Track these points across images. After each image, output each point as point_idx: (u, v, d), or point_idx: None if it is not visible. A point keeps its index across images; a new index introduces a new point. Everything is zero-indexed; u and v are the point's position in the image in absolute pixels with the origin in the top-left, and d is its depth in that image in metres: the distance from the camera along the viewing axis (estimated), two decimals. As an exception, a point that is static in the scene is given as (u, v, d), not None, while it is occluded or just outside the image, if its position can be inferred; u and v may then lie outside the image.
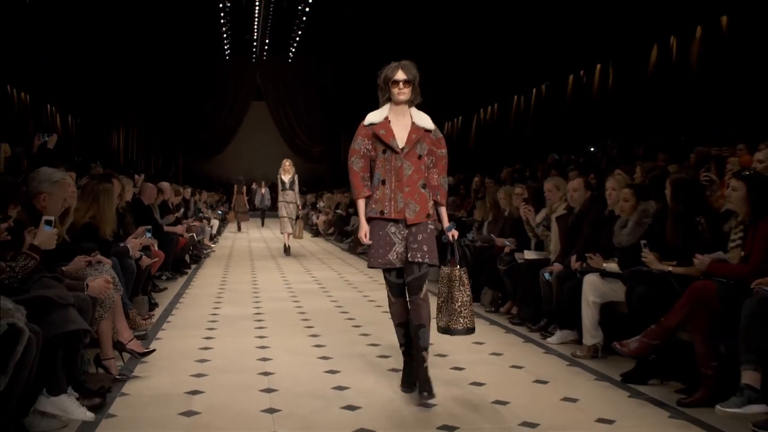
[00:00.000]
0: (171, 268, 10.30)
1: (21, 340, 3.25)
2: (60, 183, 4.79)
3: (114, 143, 30.26)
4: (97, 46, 22.96)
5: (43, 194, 4.66)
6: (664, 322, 4.64)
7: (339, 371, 5.25)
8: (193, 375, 5.09)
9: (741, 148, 8.30)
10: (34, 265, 3.93)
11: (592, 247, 6.01)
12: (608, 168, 9.61)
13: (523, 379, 5.12)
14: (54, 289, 3.93)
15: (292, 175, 14.49)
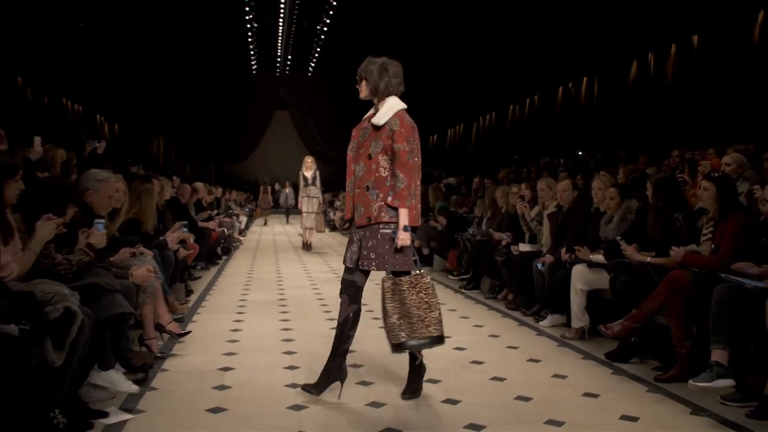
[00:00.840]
0: (205, 259, 10.34)
1: (75, 322, 3.28)
2: (104, 181, 4.83)
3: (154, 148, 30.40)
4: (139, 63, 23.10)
5: (89, 191, 4.70)
6: (643, 307, 4.65)
7: (354, 351, 5.25)
8: (225, 354, 5.13)
9: (711, 152, 8.27)
10: (89, 260, 3.97)
11: (580, 240, 6.02)
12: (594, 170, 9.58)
13: (518, 358, 5.13)
14: (103, 277, 3.97)
15: (313, 171, 13.60)
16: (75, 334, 3.28)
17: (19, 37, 14.75)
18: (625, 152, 11.92)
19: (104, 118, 22.69)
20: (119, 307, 3.91)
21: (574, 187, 6.72)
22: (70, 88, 18.79)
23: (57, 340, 3.21)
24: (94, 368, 3.91)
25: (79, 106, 20.04)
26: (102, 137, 11.99)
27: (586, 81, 16.87)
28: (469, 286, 8.46)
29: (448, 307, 7.26)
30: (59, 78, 17.61)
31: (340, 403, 4.02)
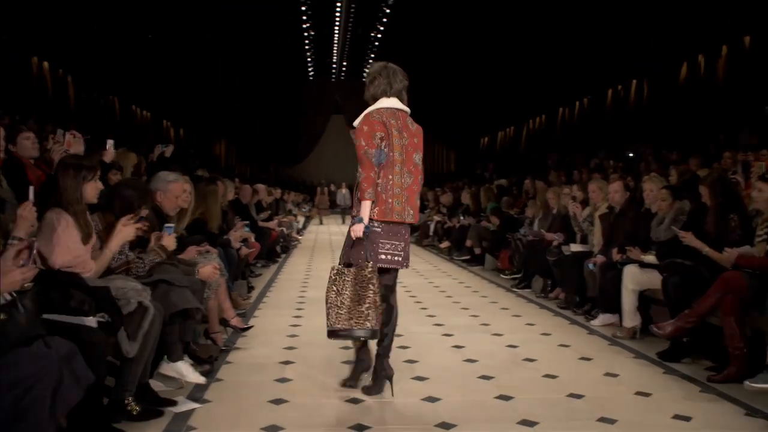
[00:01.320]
0: (265, 257, 10.45)
1: (147, 315, 3.37)
2: (173, 183, 4.94)
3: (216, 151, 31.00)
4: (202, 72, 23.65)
5: (158, 192, 4.82)
6: (696, 307, 4.53)
7: (409, 347, 5.28)
8: (285, 348, 5.19)
9: (764, 153, 8.01)
10: (160, 261, 4.07)
11: (632, 241, 5.89)
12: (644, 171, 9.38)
13: (570, 356, 5.06)
14: (172, 274, 4.06)
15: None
16: (147, 327, 3.38)
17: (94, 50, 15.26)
18: (676, 153, 11.62)
19: (170, 123, 23.28)
20: (187, 303, 4.00)
21: (625, 188, 6.58)
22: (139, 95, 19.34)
23: (131, 333, 3.30)
24: (164, 359, 4.01)
25: (148, 112, 20.61)
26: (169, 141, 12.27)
27: (636, 83, 16.51)
28: (521, 285, 8.38)
29: (500, 306, 7.21)
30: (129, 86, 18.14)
31: (397, 397, 4.02)
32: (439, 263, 11.45)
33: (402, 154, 3.92)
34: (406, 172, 3.94)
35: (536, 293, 7.92)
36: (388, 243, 3.94)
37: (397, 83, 4.11)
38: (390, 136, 3.88)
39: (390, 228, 3.94)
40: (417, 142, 4.04)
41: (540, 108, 22.54)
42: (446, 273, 10.03)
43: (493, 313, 6.81)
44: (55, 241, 3.35)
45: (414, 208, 4.00)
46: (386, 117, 3.93)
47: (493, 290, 8.39)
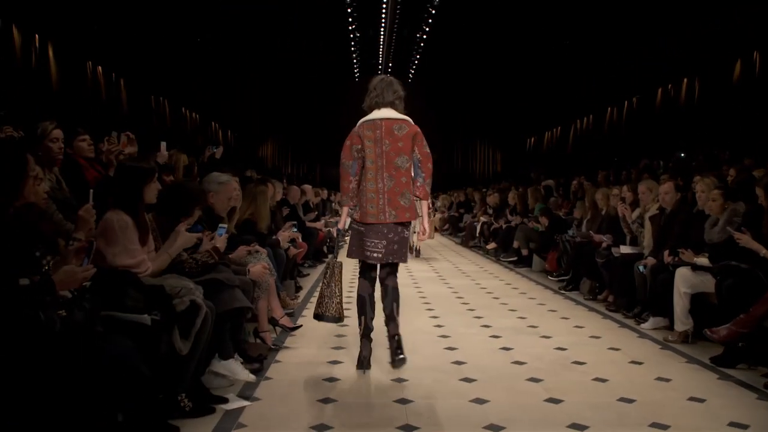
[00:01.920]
0: (312, 257, 10.54)
1: (200, 314, 3.43)
2: (225, 184, 5.03)
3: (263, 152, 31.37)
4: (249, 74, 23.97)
5: (211, 193, 4.91)
6: (753, 312, 4.41)
7: (457, 348, 5.27)
8: (333, 347, 5.23)
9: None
10: (213, 263, 4.13)
11: (683, 243, 5.76)
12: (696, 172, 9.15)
13: (620, 359, 4.98)
14: (223, 273, 4.12)
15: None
16: (199, 325, 3.43)
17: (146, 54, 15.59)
18: (729, 153, 11.31)
19: (218, 125, 23.62)
20: (238, 302, 4.06)
21: (676, 189, 6.44)
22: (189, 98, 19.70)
23: (183, 331, 3.36)
24: (215, 357, 4.08)
25: (197, 114, 20.96)
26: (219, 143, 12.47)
27: (687, 82, 16.12)
28: (569, 287, 8.28)
29: (547, 308, 7.14)
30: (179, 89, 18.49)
31: (445, 398, 4.01)
32: (486, 264, 11.38)
33: (379, 161, 4.42)
34: (386, 177, 4.43)
35: (585, 295, 7.81)
36: (369, 241, 4.50)
37: (390, 95, 4.55)
38: (364, 148, 4.43)
39: (370, 228, 4.47)
40: (402, 146, 4.43)
41: (588, 108, 22.19)
42: (493, 274, 9.97)
43: (540, 315, 6.75)
44: (114, 242, 3.44)
45: (397, 208, 4.42)
46: (363, 130, 4.47)
47: (541, 292, 8.31)
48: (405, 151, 4.45)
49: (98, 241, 3.23)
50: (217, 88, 21.60)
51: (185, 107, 19.99)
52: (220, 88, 21.97)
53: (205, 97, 20.83)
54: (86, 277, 2.72)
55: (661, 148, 15.63)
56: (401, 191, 4.45)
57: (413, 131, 4.50)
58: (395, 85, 4.61)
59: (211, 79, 20.75)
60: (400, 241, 4.52)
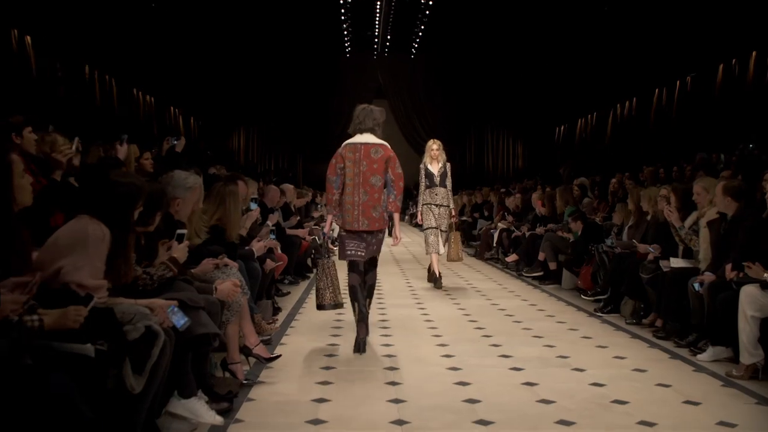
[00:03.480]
0: (294, 272, 10.53)
1: (157, 343, 3.41)
2: (193, 189, 5.03)
3: (234, 145, 31.37)
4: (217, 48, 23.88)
5: (177, 200, 4.89)
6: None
7: (470, 383, 5.24)
8: (319, 382, 5.20)
9: None
10: (172, 276, 4.11)
11: (750, 255, 5.74)
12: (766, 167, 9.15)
13: (671, 398, 4.95)
14: (185, 292, 4.11)
15: (443, 165, 10.56)
16: (156, 356, 3.41)
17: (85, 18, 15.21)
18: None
19: (179, 111, 23.57)
20: (203, 327, 4.04)
21: (726, 192, 6.41)
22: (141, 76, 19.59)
23: (136, 363, 3.34)
24: (174, 395, 4.05)
25: (151, 97, 20.88)
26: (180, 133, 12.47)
27: (756, 55, 16.10)
28: (607, 308, 8.26)
29: (580, 334, 7.13)
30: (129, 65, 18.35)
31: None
32: (505, 281, 11.37)
33: (357, 178, 6.41)
34: (362, 192, 6.41)
35: (626, 319, 7.80)
36: (352, 242, 6.47)
37: (369, 122, 6.51)
38: (345, 166, 6.45)
39: (351, 234, 6.47)
40: (377, 167, 6.43)
41: (631, 89, 22.22)
42: (514, 293, 9.96)
43: (572, 342, 6.73)
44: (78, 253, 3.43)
45: (369, 218, 6.42)
46: (346, 151, 6.49)
47: (573, 314, 8.29)
48: (379, 172, 6.43)
49: (50, 249, 3.24)
50: (176, 65, 21.52)
51: (137, 88, 19.91)
52: (181, 65, 21.89)
53: (162, 77, 20.76)
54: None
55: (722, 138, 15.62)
56: (374, 205, 6.43)
57: (387, 155, 6.49)
58: (375, 113, 6.58)
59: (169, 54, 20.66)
60: (378, 242, 6.60)
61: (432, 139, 10.96)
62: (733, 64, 17.02)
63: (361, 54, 33.71)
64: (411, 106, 36.44)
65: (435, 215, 10.55)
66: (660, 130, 20.31)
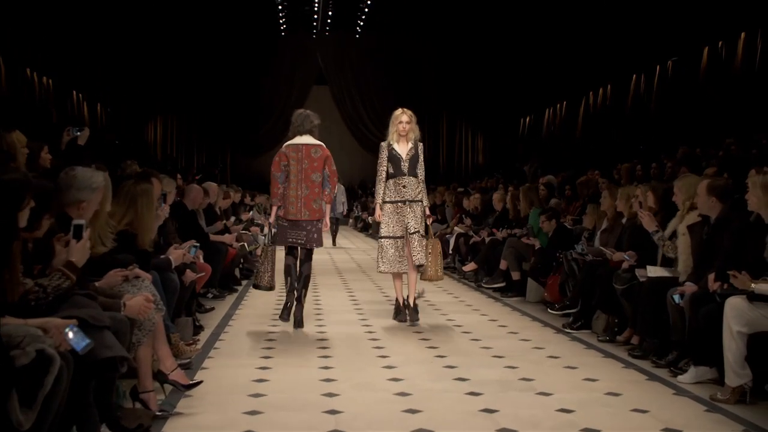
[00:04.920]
0: (218, 285, 10.42)
1: (51, 370, 3.33)
2: (100, 189, 4.93)
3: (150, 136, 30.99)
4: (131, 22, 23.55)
5: (82, 203, 4.79)
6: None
7: (421, 411, 5.23)
8: (246, 412, 5.15)
9: None
10: (69, 286, 4.02)
11: (736, 262, 5.83)
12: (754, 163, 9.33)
13: (649, 425, 5.00)
14: (87, 309, 4.02)
15: (413, 144, 8.96)
16: (50, 386, 3.33)
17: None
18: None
19: (83, 96, 23.16)
20: (108, 350, 3.95)
21: (710, 191, 6.52)
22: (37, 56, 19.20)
23: (25, 395, 3.25)
24: (73, 431, 3.96)
25: (49, 79, 20.46)
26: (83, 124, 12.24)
27: (745, 38, 16.42)
28: (577, 324, 8.32)
29: (546, 353, 7.18)
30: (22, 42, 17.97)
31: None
32: (462, 293, 11.41)
33: (299, 175, 8.23)
34: (304, 187, 8.23)
35: (599, 336, 7.87)
36: (292, 231, 8.31)
37: (307, 124, 8.32)
38: (289, 164, 8.24)
39: (292, 223, 8.30)
40: (317, 165, 8.25)
41: (605, 75, 22.53)
42: (471, 307, 9.99)
43: (537, 363, 6.77)
44: None
45: (310, 209, 8.27)
46: (289, 151, 8.30)
47: (538, 331, 8.35)
48: (318, 169, 8.28)
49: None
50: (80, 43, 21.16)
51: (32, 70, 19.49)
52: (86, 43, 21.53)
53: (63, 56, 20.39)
54: None
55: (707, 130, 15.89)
56: (314, 198, 8.28)
57: (325, 154, 8.32)
58: (311, 117, 8.40)
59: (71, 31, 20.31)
60: (317, 231, 8.34)
61: (400, 108, 9.22)
62: (719, 47, 17.34)
63: (299, 33, 33.65)
64: (356, 93, 36.49)
65: (402, 216, 8.81)
66: (637, 121, 20.62)
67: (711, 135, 15.07)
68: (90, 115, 23.23)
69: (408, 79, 33.40)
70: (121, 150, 16.50)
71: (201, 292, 9.15)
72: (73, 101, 22.37)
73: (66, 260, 4.12)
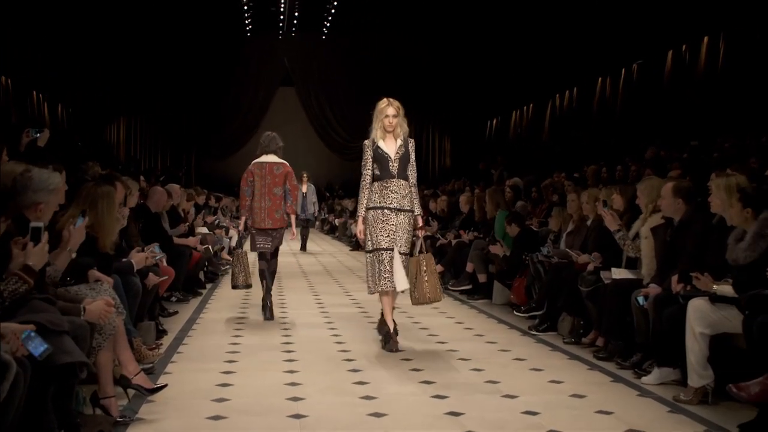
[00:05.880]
0: (182, 288, 10.36)
1: (7, 377, 3.29)
2: (57, 190, 4.88)
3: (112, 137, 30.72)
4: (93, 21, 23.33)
5: (40, 205, 4.73)
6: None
7: (386, 414, 5.23)
8: (209, 417, 5.12)
9: None
10: (26, 290, 3.98)
11: (699, 264, 5.89)
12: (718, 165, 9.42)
13: (613, 427, 5.04)
14: (45, 314, 3.98)
15: (403, 141, 7.81)
16: (5, 392, 3.29)
17: None
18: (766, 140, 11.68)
19: (43, 97, 22.90)
20: (67, 355, 3.91)
21: (676, 192, 6.57)
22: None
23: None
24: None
25: (8, 79, 20.20)
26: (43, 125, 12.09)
27: (708, 41, 16.60)
28: (543, 326, 8.37)
29: (512, 356, 7.20)
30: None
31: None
32: (430, 296, 11.40)
33: (263, 189, 9.26)
34: (267, 199, 9.26)
35: (564, 338, 7.91)
36: (260, 238, 9.37)
37: (273, 146, 9.39)
38: (254, 179, 9.31)
39: (259, 230, 9.35)
40: (278, 180, 9.27)
41: (571, 78, 22.67)
42: (438, 309, 9.98)
43: (503, 366, 6.80)
44: None
45: (273, 219, 9.29)
46: (255, 168, 9.35)
47: (504, 333, 8.38)
48: (279, 184, 9.29)
49: None
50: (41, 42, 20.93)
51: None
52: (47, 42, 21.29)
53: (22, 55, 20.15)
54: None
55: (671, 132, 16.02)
56: (276, 209, 9.30)
57: (286, 171, 9.33)
58: (276, 139, 9.47)
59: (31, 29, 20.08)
60: (279, 236, 9.52)
61: (385, 99, 7.96)
62: (683, 50, 17.51)
63: (265, 34, 33.53)
64: (322, 94, 36.46)
65: (391, 226, 7.61)
66: (603, 124, 20.77)
67: (675, 137, 15.20)
68: (51, 115, 22.95)
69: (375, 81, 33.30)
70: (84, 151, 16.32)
71: (164, 296, 9.12)
72: (33, 101, 22.10)
73: (23, 264, 4.07)
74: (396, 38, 30.90)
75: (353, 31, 32.20)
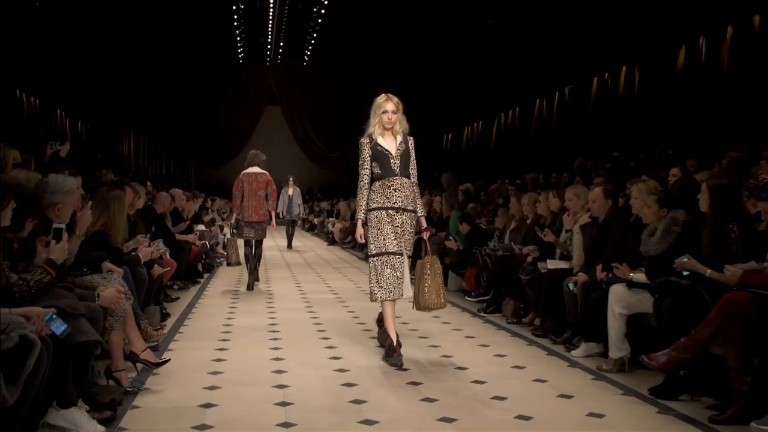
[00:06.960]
0: (183, 278, 10.33)
1: (33, 352, 3.27)
2: (72, 192, 4.85)
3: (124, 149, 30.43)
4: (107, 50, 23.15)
5: (57, 205, 4.70)
6: (694, 334, 4.59)
7: (356, 384, 5.25)
8: (206, 387, 5.10)
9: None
10: (50, 280, 3.96)
11: (618, 256, 5.97)
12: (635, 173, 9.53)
13: (547, 393, 5.09)
14: (65, 299, 3.96)
15: (403, 138, 6.73)
16: (32, 366, 3.27)
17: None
18: (672, 153, 11.83)
19: (65, 114, 22.66)
20: (84, 335, 3.90)
21: (606, 195, 6.66)
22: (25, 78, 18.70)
23: (10, 374, 3.19)
24: (53, 406, 3.89)
25: (36, 99, 19.97)
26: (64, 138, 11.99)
27: (626, 70, 16.79)
28: (489, 309, 8.42)
29: (464, 334, 7.24)
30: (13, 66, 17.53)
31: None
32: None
33: (251, 192, 10.50)
34: (253, 200, 10.49)
35: (507, 319, 7.97)
36: (247, 228, 10.57)
37: (256, 160, 10.67)
38: (243, 186, 10.53)
39: (247, 223, 10.52)
40: (261, 186, 10.52)
41: (513, 99, 22.78)
42: (402, 295, 10.01)
43: (456, 342, 6.84)
44: None
45: (258, 214, 10.52)
46: (243, 177, 10.59)
47: (457, 315, 8.41)
48: (262, 188, 10.55)
49: None
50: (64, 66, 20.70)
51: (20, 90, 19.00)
52: (69, 66, 21.07)
53: (48, 79, 19.92)
54: None
55: (597, 146, 16.19)
56: (260, 207, 10.53)
57: (267, 179, 10.59)
58: (260, 155, 10.74)
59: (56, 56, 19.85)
60: (262, 229, 10.64)
61: (383, 94, 6.64)
62: (606, 77, 17.69)
63: (255, 60, 33.40)
64: (304, 112, 36.38)
65: (397, 228, 6.27)
66: (540, 138, 20.91)
67: (599, 150, 15.35)
68: (71, 130, 22.70)
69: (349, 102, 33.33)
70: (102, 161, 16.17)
71: (167, 284, 9.06)
72: (57, 119, 21.86)
73: (47, 258, 4.05)
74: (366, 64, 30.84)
75: (330, 58, 32.19)
